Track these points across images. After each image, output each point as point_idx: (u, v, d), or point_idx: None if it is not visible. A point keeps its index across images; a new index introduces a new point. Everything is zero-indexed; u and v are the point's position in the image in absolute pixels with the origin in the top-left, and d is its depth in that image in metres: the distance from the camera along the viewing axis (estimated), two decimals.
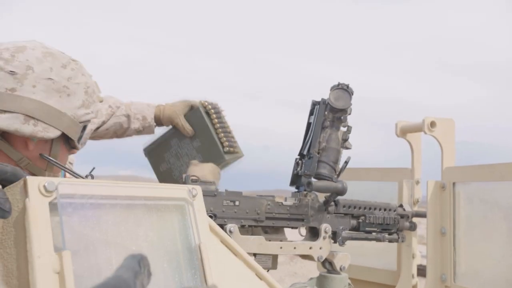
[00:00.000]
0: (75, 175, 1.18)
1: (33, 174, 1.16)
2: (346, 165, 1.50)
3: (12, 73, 1.06)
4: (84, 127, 1.19)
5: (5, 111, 1.05)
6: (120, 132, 1.80)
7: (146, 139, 1.96)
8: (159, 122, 1.81)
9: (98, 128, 1.73)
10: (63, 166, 1.19)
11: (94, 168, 1.43)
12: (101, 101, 1.27)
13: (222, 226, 1.28)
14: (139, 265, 0.59)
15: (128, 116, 1.75)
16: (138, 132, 1.81)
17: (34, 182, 0.76)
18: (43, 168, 1.17)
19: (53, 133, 1.11)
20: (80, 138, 1.19)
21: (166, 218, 0.94)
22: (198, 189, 1.00)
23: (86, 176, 1.19)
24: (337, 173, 1.50)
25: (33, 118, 1.07)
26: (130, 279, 0.56)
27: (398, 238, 1.67)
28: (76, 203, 0.80)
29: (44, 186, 0.76)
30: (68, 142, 1.19)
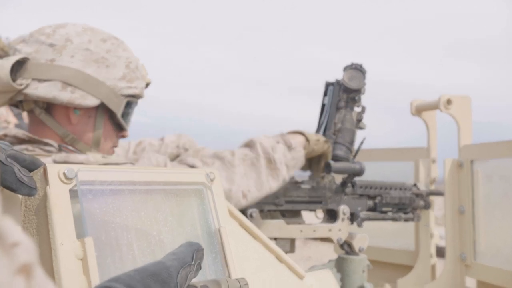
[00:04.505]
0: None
1: (79, 151, 1.16)
2: (361, 146, 1.48)
3: (51, 45, 1.10)
4: (129, 104, 1.18)
5: (44, 80, 1.08)
6: None
7: None
8: None
9: None
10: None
11: None
12: (148, 83, 1.26)
13: (243, 212, 1.28)
14: (192, 256, 0.57)
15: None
16: None
17: (53, 170, 0.75)
18: (88, 145, 1.17)
19: (91, 101, 1.11)
20: (126, 115, 1.18)
21: (185, 203, 0.94)
22: (216, 173, 1.00)
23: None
24: (353, 154, 1.48)
25: (70, 85, 1.09)
26: (174, 268, 0.52)
27: (414, 217, 1.66)
28: (96, 190, 0.80)
29: (64, 174, 0.75)
30: (114, 121, 1.18)
